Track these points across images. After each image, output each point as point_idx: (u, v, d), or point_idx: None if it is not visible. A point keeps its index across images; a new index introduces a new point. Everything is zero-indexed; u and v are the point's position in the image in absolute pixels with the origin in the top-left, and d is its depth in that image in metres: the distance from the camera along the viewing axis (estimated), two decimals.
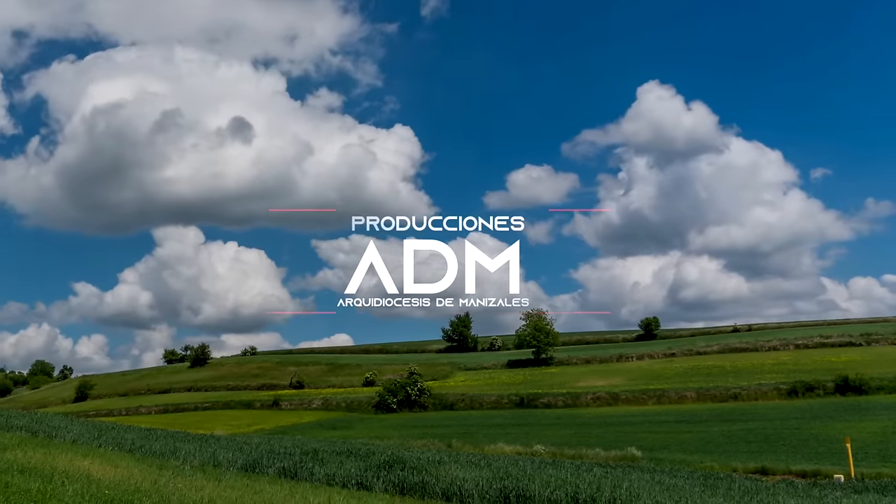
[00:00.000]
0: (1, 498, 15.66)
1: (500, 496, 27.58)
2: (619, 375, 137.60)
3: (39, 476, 20.34)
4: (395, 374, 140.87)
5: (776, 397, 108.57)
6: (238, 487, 25.10)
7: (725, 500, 28.92)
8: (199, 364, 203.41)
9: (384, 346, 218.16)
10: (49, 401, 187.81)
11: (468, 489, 28.09)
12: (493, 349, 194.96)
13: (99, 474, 23.02)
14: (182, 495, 20.96)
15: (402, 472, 30.64)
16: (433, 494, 28.31)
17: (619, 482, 30.44)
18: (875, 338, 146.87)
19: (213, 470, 29.54)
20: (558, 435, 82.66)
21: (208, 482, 25.46)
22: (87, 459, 24.57)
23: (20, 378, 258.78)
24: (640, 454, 63.56)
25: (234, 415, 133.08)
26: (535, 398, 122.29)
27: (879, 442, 67.52)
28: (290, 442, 52.75)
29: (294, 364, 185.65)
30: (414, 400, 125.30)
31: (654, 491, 28.72)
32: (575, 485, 28.35)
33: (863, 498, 34.05)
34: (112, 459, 26.61)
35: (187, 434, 55.10)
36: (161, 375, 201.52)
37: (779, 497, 31.69)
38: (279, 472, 31.46)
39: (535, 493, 27.31)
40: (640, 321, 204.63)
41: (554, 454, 64.45)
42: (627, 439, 73.61)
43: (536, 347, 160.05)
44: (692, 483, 36.90)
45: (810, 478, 50.88)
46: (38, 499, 16.45)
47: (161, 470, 27.02)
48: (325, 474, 30.64)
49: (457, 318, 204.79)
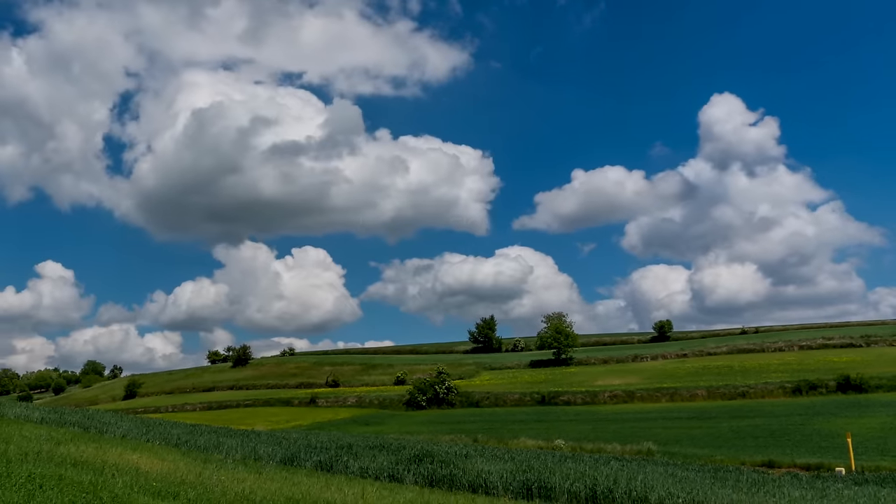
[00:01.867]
0: (56, 489, 15.59)
1: (522, 488, 27.51)
2: (634, 375, 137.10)
3: (91, 469, 20.30)
4: (425, 374, 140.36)
5: (781, 395, 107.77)
6: (277, 479, 25.01)
7: (734, 491, 28.54)
8: (241, 364, 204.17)
9: (414, 347, 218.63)
10: (100, 398, 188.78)
11: (493, 481, 28.06)
12: (516, 350, 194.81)
13: (147, 467, 22.98)
14: (224, 487, 20.87)
15: (431, 465, 30.51)
16: (460, 486, 28.23)
17: (634, 475, 30.25)
18: (874, 339, 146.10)
19: (254, 463, 29.49)
20: (577, 430, 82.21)
21: (249, 474, 25.40)
22: (136, 453, 24.53)
23: (73, 377, 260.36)
24: (654, 448, 63.37)
25: (273, 411, 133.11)
26: (555, 396, 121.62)
27: (878, 437, 67.41)
28: (326, 437, 52.71)
29: (330, 364, 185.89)
30: (442, 398, 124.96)
31: (667, 483, 28.63)
32: (593, 477, 28.26)
33: (863, 490, 33.70)
34: (159, 453, 26.58)
35: (230, 430, 55.12)
36: (205, 375, 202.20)
37: (784, 489, 31.44)
38: (316, 466, 31.40)
39: (555, 484, 27.29)
40: (653, 324, 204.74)
41: (573, 448, 64.10)
42: (642, 434, 73.37)
43: (557, 348, 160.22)
44: (703, 475, 36.72)
45: (814, 471, 50.70)
46: (91, 490, 16.36)
47: (205, 463, 26.97)
48: (359, 467, 30.57)
49: (482, 320, 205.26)
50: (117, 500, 15.46)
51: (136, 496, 16.63)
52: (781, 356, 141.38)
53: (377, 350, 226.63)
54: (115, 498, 15.79)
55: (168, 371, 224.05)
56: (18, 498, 14.08)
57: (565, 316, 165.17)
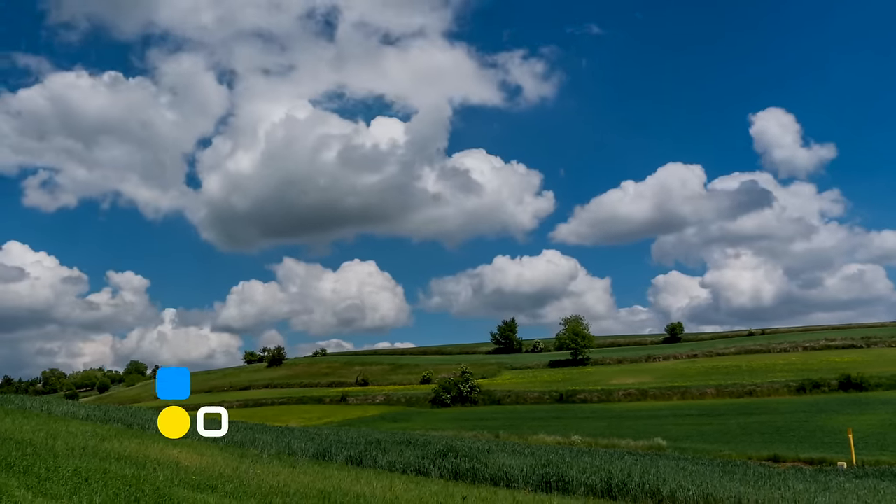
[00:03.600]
0: (101, 482, 15.56)
1: (542, 481, 27.32)
2: (647, 374, 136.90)
3: (134, 463, 20.32)
4: (449, 373, 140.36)
5: (786, 393, 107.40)
6: (310, 473, 24.96)
7: (742, 484, 28.27)
8: (276, 364, 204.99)
9: (439, 347, 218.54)
10: (142, 396, 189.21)
11: (514, 475, 27.88)
12: (535, 351, 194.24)
13: (187, 461, 22.97)
14: (260, 480, 20.81)
15: (455, 459, 30.39)
16: (483, 479, 28.06)
17: (647, 468, 30.07)
18: (874, 340, 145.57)
19: (288, 458, 29.44)
20: (593, 427, 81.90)
21: (283, 468, 25.36)
22: (176, 448, 24.53)
23: (116, 376, 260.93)
24: (665, 444, 62.93)
25: (306, 409, 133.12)
26: (572, 394, 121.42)
27: (878, 433, 67.23)
28: (356, 433, 52.58)
29: (359, 364, 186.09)
30: (465, 396, 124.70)
31: (678, 476, 28.35)
32: (608, 471, 28.11)
33: (863, 483, 33.35)
34: (198, 448, 26.56)
35: (265, 426, 55.16)
36: (242, 374, 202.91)
37: (789, 482, 30.99)
38: (346, 460, 31.31)
39: (573, 478, 27.13)
40: (665, 326, 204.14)
41: (590, 444, 63.77)
42: (655, 431, 72.98)
43: (574, 349, 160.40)
44: (712, 469, 36.32)
45: (817, 465, 50.35)
46: (133, 483, 16.33)
47: (242, 458, 26.95)
48: (387, 461, 30.47)
49: (504, 322, 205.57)
50: (159, 493, 15.41)
51: (176, 489, 16.58)
52: (786, 357, 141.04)
53: (404, 351, 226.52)
54: (157, 490, 15.74)
55: (206, 371, 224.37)
56: (65, 491, 14.07)
57: (582, 319, 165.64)
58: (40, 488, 13.96)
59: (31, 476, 15.32)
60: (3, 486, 13.07)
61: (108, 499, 13.91)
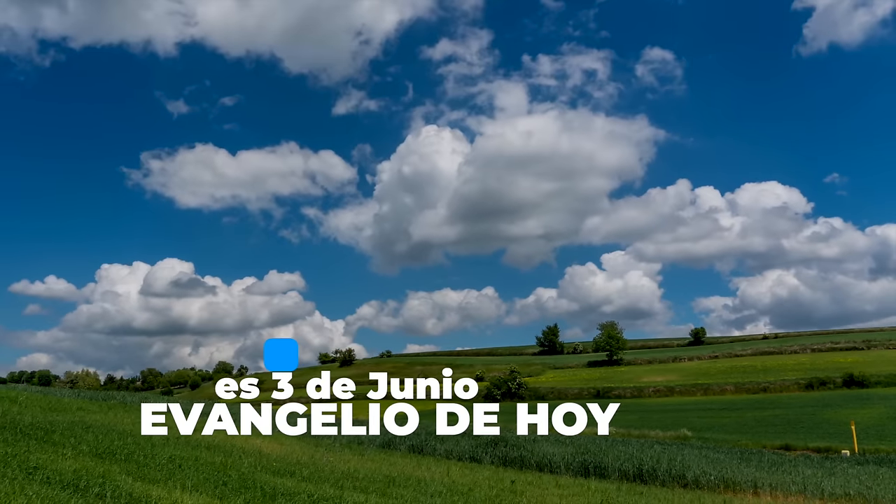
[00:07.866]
0: (193, 468, 15.48)
1: (581, 467, 27.24)
2: (674, 373, 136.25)
3: (222, 451, 20.24)
4: (500, 372, 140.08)
5: (796, 390, 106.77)
6: (377, 460, 24.86)
7: (757, 470, 28.71)
8: (347, 364, 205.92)
9: (491, 350, 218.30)
10: None
11: (556, 462, 27.80)
12: (575, 352, 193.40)
13: (268, 450, 22.89)
14: (333, 466, 20.70)
15: (504, 448, 30.13)
16: (529, 466, 27.97)
17: (674, 456, 30.02)
18: (874, 343, 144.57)
19: (358, 447, 29.25)
20: (627, 419, 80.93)
21: (353, 456, 25.24)
22: (259, 439, 24.44)
23: (207, 375, 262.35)
24: (690, 434, 62.70)
25: None
26: (608, 390, 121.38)
27: (878, 425, 67.48)
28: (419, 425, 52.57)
29: (420, 364, 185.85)
30: (514, 392, 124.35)
31: (701, 463, 28.45)
32: (640, 458, 28.03)
33: (864, 469, 33.68)
34: (279, 438, 26.50)
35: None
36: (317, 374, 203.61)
37: (799, 468, 31.47)
38: (409, 449, 31.13)
39: (608, 464, 27.05)
40: (690, 330, 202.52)
41: (623, 434, 63.30)
42: (681, 423, 72.31)
43: (609, 351, 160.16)
44: (731, 456, 36.44)
45: (823, 453, 50.73)
46: (221, 469, 16.27)
47: (316, 447, 26.85)
48: (445, 450, 30.27)
49: (548, 328, 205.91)
50: (243, 478, 15.28)
51: (259, 474, 16.45)
52: (796, 357, 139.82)
53: (460, 352, 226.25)
54: (242, 476, 15.63)
55: None
56: (161, 476, 13.97)
57: (616, 324, 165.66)
58: (139, 474, 13.86)
59: (131, 463, 15.26)
60: (106, 471, 12.96)
61: (199, 483, 13.79)
